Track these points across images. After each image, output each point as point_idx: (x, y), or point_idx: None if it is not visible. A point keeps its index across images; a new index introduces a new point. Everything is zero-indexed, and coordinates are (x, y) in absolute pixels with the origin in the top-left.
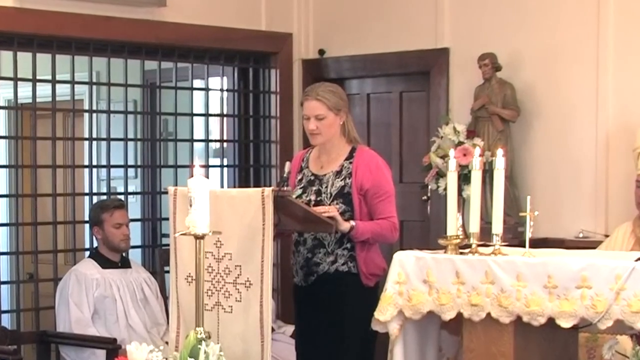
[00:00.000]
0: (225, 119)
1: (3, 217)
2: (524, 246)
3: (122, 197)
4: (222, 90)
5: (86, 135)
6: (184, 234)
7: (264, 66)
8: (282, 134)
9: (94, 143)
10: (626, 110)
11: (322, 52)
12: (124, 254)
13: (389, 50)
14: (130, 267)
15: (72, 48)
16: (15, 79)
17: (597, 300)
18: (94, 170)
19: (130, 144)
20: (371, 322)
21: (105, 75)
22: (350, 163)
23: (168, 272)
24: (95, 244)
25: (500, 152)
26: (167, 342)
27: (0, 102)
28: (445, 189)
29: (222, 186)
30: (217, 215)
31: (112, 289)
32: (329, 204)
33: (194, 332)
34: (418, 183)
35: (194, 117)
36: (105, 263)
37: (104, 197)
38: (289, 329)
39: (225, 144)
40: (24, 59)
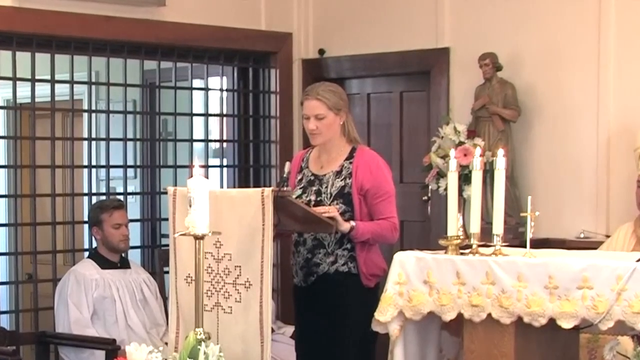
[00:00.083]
0: (224, 118)
1: (2, 217)
2: (525, 246)
3: (121, 197)
4: (221, 90)
5: (85, 135)
6: (184, 235)
7: (263, 66)
8: (282, 134)
9: (93, 143)
10: (627, 110)
11: (322, 51)
12: (123, 255)
13: (389, 50)
14: (129, 267)
15: (71, 48)
16: (14, 79)
17: (598, 301)
18: (93, 171)
19: (130, 144)
20: (371, 322)
21: (104, 75)
22: (351, 163)
23: (167, 272)
24: (95, 245)
25: (501, 152)
26: (166, 343)
27: None
28: (445, 189)
29: (221, 186)
30: (217, 215)
31: (112, 290)
32: (329, 204)
33: (194, 332)
34: (418, 183)
35: (194, 117)
36: (104, 263)
37: (103, 197)
38: (289, 329)
39: (224, 144)
40: (23, 58)
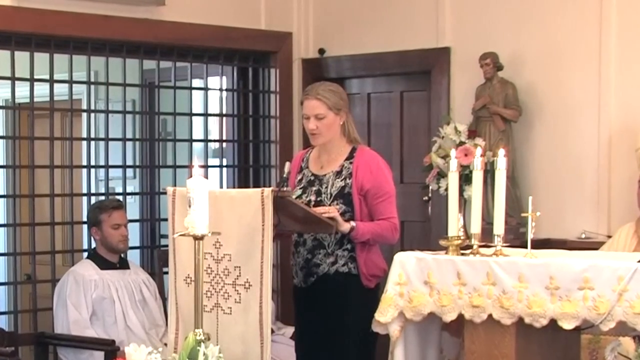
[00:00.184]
0: (224, 118)
1: (1, 218)
2: (526, 247)
3: (120, 197)
4: (221, 89)
5: (84, 135)
6: (183, 235)
7: (263, 65)
8: (281, 134)
9: (92, 143)
10: (628, 110)
11: (322, 51)
12: (122, 255)
13: (389, 49)
14: (128, 268)
15: (70, 47)
16: (13, 79)
17: (599, 302)
18: (92, 171)
19: (129, 144)
20: (371, 323)
21: (103, 75)
22: (351, 163)
23: (167, 273)
24: (94, 245)
25: (501, 152)
26: (165, 344)
27: None
28: (446, 190)
29: (221, 186)
30: (216, 215)
31: (111, 290)
32: (329, 205)
33: (193, 333)
34: (419, 183)
35: (193, 117)
36: (103, 264)
37: (102, 197)
38: (289, 330)
39: (224, 144)
40: (22, 58)
